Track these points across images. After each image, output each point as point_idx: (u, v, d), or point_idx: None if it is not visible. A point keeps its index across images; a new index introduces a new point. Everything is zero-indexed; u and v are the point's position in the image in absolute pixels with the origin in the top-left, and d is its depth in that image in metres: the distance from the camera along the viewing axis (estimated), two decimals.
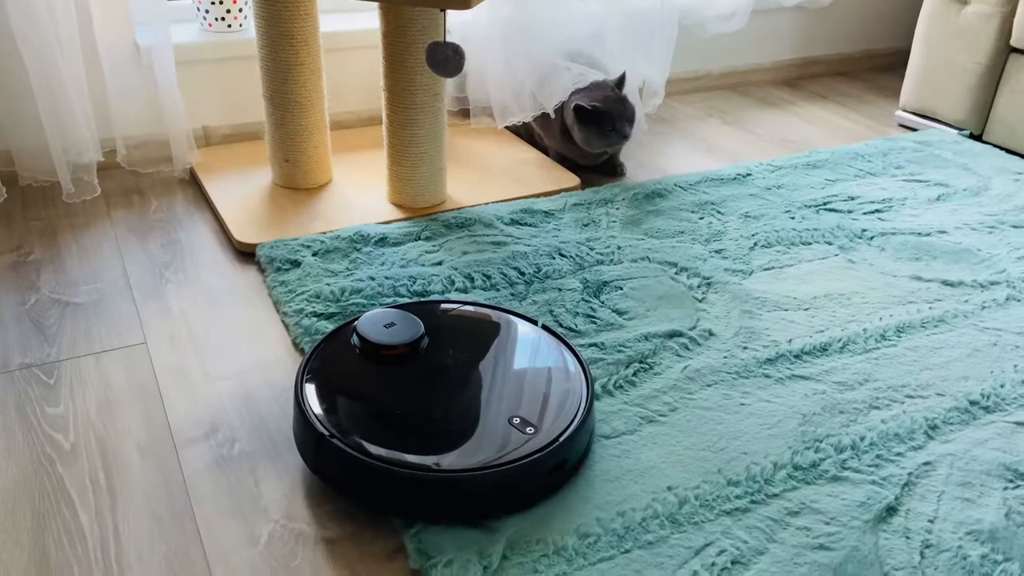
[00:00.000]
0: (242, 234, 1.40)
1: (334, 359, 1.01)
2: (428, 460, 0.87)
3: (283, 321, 1.21)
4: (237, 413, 1.04)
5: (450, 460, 0.87)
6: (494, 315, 1.11)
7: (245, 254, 1.38)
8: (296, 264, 1.31)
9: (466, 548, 0.84)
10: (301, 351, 1.14)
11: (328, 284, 1.25)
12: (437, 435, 0.90)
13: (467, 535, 0.86)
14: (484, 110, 1.84)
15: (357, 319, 1.04)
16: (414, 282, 1.27)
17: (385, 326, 1.01)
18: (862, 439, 1.00)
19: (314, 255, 1.33)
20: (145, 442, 0.99)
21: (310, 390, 0.95)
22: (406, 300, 1.23)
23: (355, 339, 1.01)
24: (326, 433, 0.89)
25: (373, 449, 0.87)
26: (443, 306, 1.12)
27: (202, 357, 1.14)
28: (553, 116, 1.66)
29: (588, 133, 1.59)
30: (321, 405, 0.93)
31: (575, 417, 0.94)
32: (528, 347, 1.05)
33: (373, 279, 1.27)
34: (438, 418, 0.93)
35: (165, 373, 1.11)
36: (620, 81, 1.60)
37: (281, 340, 1.18)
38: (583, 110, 1.57)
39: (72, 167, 1.51)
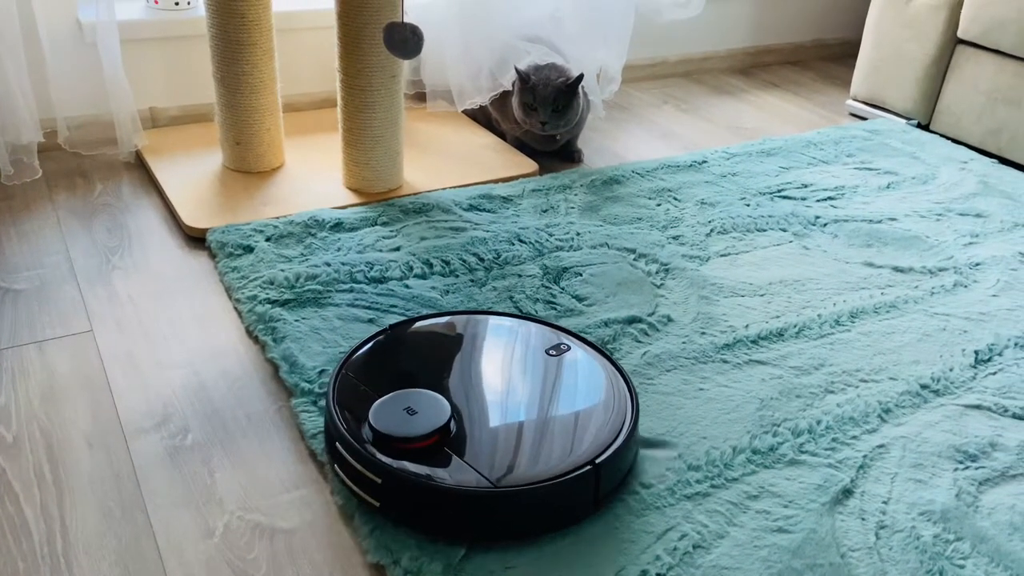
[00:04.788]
0: (192, 218, 1.36)
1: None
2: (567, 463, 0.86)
3: (236, 308, 1.18)
4: (189, 403, 1.01)
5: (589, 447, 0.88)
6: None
7: (195, 239, 1.34)
8: (248, 249, 1.28)
9: (428, 542, 0.83)
10: (255, 339, 1.12)
11: (282, 270, 1.22)
12: (536, 443, 0.88)
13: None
14: (441, 94, 1.82)
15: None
16: (371, 268, 1.25)
17: (407, 412, 0.89)
18: (818, 423, 1.02)
19: (267, 240, 1.30)
20: (92, 433, 0.96)
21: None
22: (365, 285, 1.21)
23: (371, 434, 0.89)
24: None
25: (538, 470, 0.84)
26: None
27: (152, 345, 1.10)
28: (513, 92, 1.64)
29: (515, 100, 1.61)
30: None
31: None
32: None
33: (329, 265, 1.25)
34: (530, 428, 0.90)
35: (113, 362, 1.07)
36: (574, 78, 1.58)
37: (234, 327, 1.15)
38: (518, 72, 1.59)
39: (10, 148, 1.44)
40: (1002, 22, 1.76)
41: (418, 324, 1.06)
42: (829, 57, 2.51)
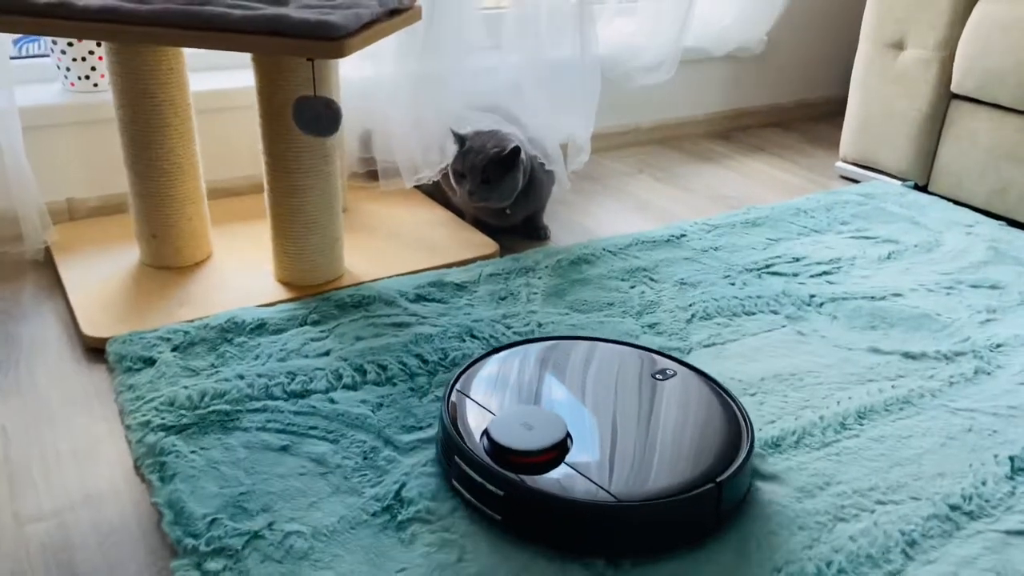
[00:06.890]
0: (91, 326, 1.18)
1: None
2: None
3: (126, 437, 0.99)
4: (44, 569, 0.81)
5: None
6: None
7: (96, 351, 1.16)
8: (150, 362, 1.09)
9: None
10: (142, 476, 0.92)
11: (185, 387, 1.04)
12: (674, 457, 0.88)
13: None
14: (394, 171, 1.66)
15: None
16: (292, 379, 1.07)
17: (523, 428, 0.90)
18: (828, 564, 0.82)
19: (173, 350, 1.12)
20: None
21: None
22: (282, 401, 1.02)
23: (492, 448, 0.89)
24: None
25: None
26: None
27: (13, 492, 0.91)
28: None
29: (450, 165, 1.48)
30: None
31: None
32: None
33: (242, 378, 1.06)
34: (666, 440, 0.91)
35: None
36: (509, 150, 1.40)
37: (119, 462, 0.95)
38: (455, 135, 1.46)
39: None
40: (999, 75, 1.61)
41: (524, 347, 1.07)
42: (813, 117, 2.38)
